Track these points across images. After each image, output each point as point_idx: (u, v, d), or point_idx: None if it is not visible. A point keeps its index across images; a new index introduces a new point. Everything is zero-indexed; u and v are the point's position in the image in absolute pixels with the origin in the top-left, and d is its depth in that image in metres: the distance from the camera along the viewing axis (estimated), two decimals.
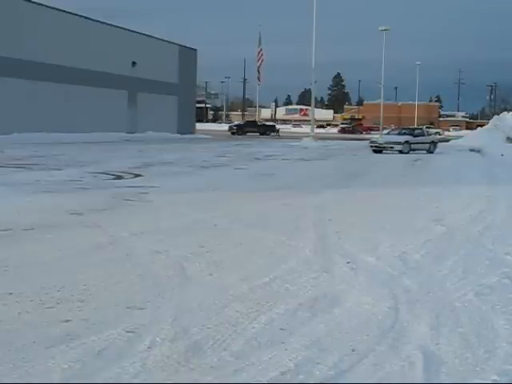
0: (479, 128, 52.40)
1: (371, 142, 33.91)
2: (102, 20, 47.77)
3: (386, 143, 32.87)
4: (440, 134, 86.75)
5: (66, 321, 4.46)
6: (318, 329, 4.40)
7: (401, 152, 31.36)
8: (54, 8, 42.61)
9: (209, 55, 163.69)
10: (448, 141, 52.77)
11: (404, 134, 34.87)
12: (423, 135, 35.22)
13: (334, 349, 4.01)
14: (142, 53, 50.92)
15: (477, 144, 36.97)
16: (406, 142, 32.44)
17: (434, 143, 34.78)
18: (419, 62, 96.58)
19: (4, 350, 3.88)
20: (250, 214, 9.85)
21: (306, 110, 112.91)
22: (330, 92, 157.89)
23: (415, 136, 33.88)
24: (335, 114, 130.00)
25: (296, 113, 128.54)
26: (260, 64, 70.87)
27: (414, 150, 32.38)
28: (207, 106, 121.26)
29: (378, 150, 32.46)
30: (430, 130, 52.39)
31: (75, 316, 4.58)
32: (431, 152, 33.23)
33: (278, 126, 75.72)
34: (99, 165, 18.77)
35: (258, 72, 71.44)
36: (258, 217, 9.52)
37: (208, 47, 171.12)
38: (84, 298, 5.03)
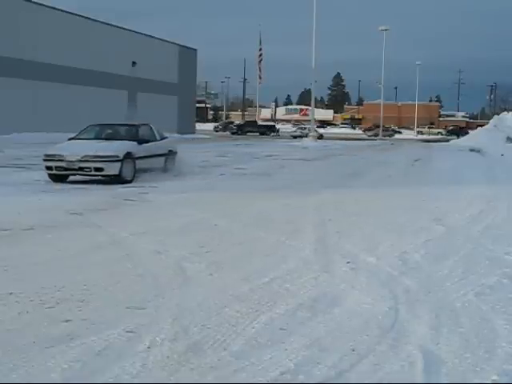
0: (479, 128, 52.33)
1: (48, 156, 14.84)
2: (102, 20, 47.78)
3: (82, 160, 14.42)
4: (442, 134, 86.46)
5: (66, 321, 4.47)
6: (318, 329, 4.40)
7: (118, 180, 14.41)
8: (54, 8, 42.63)
9: (209, 55, 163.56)
10: (448, 141, 52.79)
11: (114, 137, 16.01)
12: (154, 139, 16.94)
13: (334, 349, 4.01)
14: (142, 53, 50.92)
15: (477, 144, 36.95)
16: (128, 154, 14.88)
17: (172, 155, 17.46)
18: (419, 62, 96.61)
19: (4, 350, 3.88)
20: (249, 214, 9.85)
21: (306, 109, 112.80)
22: (330, 92, 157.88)
23: (141, 142, 15.75)
24: (335, 114, 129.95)
25: (296, 113, 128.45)
26: (260, 62, 71.07)
27: (141, 171, 15.30)
28: (207, 106, 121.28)
29: (60, 175, 14.71)
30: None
31: (75, 316, 4.58)
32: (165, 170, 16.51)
33: (277, 126, 75.75)
34: None
35: (260, 70, 71.62)
36: (257, 217, 9.51)
37: (208, 47, 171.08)
38: (84, 298, 5.03)
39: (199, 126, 68.20)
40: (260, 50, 71.54)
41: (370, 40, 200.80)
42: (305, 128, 66.82)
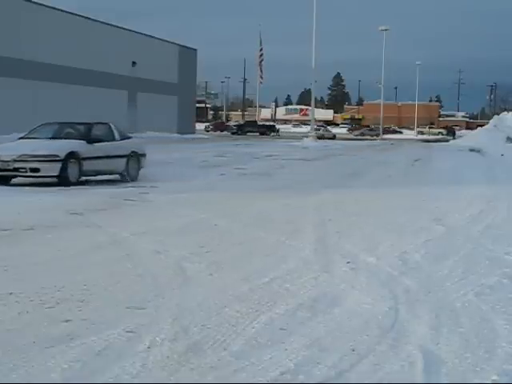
0: (479, 128, 52.35)
1: None
2: (102, 20, 47.77)
3: (18, 160, 13.30)
4: (443, 135, 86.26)
5: (66, 321, 4.46)
6: (318, 329, 4.40)
7: (60, 181, 13.44)
8: (54, 8, 42.61)
9: (209, 55, 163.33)
10: (448, 141, 52.84)
11: (65, 136, 14.98)
12: (112, 139, 15.27)
13: (334, 349, 4.01)
14: (142, 53, 50.88)
15: (477, 144, 36.94)
16: (72, 154, 13.71)
17: (136, 157, 15.43)
18: (419, 62, 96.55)
19: (4, 350, 3.88)
20: (249, 214, 9.85)
21: (306, 109, 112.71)
22: (330, 92, 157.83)
23: (92, 141, 14.54)
24: (335, 114, 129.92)
25: (296, 113, 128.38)
26: (261, 62, 71.18)
27: (92, 173, 14.36)
28: (207, 106, 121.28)
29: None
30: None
31: (75, 316, 4.58)
32: (132, 179, 15.00)
33: (277, 126, 75.75)
34: None
35: (261, 71, 71.69)
36: (257, 217, 9.51)
37: (208, 47, 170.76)
38: (84, 297, 5.03)
39: (198, 126, 68.30)
40: (261, 50, 71.62)
41: (370, 40, 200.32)
42: (319, 129, 66.46)
